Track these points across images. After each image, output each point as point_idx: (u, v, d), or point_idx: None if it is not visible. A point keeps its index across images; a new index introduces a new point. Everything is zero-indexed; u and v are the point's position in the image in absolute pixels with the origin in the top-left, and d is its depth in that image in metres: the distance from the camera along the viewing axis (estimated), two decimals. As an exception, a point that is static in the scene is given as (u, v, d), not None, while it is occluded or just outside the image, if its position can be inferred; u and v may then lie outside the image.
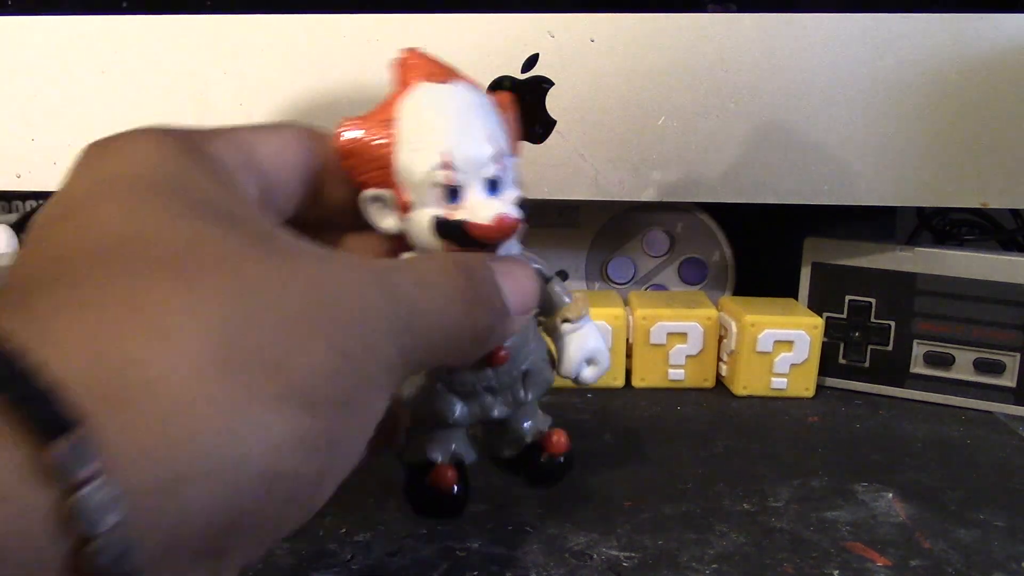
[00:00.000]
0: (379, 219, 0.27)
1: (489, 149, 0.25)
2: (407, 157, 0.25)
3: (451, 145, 0.25)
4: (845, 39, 0.41)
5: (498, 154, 0.25)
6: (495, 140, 0.25)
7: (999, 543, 0.32)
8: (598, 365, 0.30)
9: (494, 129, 0.26)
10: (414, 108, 0.26)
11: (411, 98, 0.26)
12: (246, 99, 0.42)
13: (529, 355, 0.29)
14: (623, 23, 0.41)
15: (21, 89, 0.43)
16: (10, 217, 0.57)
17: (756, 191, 0.43)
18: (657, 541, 0.31)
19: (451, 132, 0.25)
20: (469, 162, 0.25)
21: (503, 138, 0.26)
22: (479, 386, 0.28)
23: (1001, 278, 0.44)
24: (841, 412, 0.45)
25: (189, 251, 0.18)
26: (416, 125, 0.25)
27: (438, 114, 0.25)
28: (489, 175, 0.25)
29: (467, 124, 0.25)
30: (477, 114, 0.26)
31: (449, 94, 0.26)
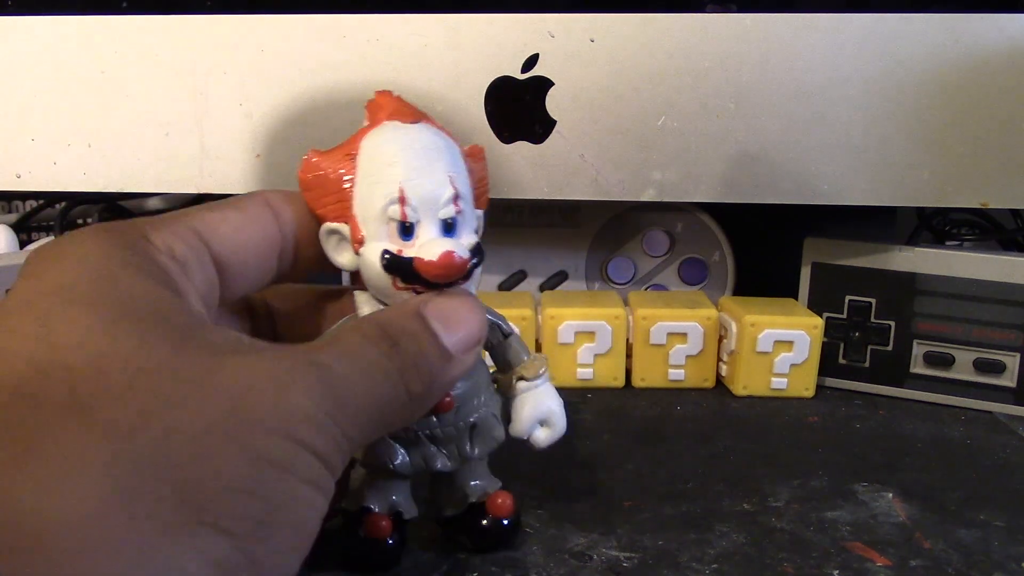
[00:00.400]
0: (336, 254, 0.26)
1: (447, 190, 0.25)
2: (364, 190, 0.25)
3: (408, 181, 0.25)
4: (845, 39, 0.41)
5: (456, 196, 0.25)
6: (455, 183, 0.25)
7: (999, 543, 0.32)
8: (552, 428, 0.29)
9: (456, 173, 0.26)
10: (376, 144, 0.26)
11: (374, 134, 0.26)
12: (246, 99, 0.42)
13: (480, 408, 0.28)
14: (623, 23, 0.41)
15: (21, 89, 0.43)
16: (10, 217, 0.57)
17: (756, 191, 0.43)
18: (657, 541, 0.31)
19: (409, 168, 0.25)
20: (424, 200, 0.25)
21: (465, 184, 0.26)
22: (421, 434, 0.28)
23: (1001, 278, 0.44)
24: (841, 412, 0.45)
25: (96, 377, 0.17)
26: (376, 160, 0.25)
27: (399, 150, 0.25)
28: (445, 216, 0.25)
29: (427, 163, 0.25)
30: (439, 155, 0.26)
31: (412, 133, 0.26)
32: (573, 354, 0.46)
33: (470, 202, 0.26)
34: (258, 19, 0.42)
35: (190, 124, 0.43)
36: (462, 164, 0.26)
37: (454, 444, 0.28)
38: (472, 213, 0.26)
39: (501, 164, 0.43)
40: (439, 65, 0.42)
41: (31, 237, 0.57)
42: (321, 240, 0.26)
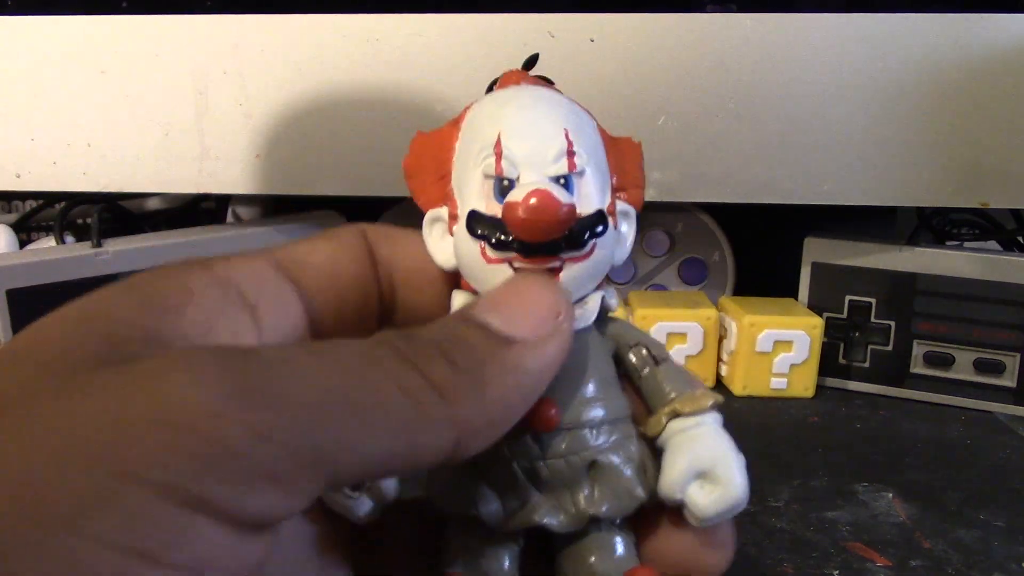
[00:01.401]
0: (436, 249, 0.21)
1: (558, 141, 0.19)
2: (462, 155, 0.20)
3: (508, 130, 0.19)
4: (845, 39, 0.41)
5: (571, 152, 0.19)
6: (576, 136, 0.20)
7: (999, 543, 0.32)
8: (718, 485, 0.20)
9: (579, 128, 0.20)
10: (482, 104, 0.21)
11: (485, 98, 0.21)
12: (246, 99, 0.42)
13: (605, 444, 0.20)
14: (623, 23, 0.41)
15: (21, 89, 0.43)
16: (10, 217, 0.57)
17: (756, 191, 0.43)
18: (657, 541, 0.31)
19: (512, 119, 0.20)
20: (527, 152, 0.19)
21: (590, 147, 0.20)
22: (517, 466, 0.20)
23: (1001, 278, 0.44)
24: (841, 412, 0.45)
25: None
26: (478, 118, 0.21)
27: (503, 103, 0.20)
28: (555, 173, 0.19)
29: (535, 115, 0.20)
30: (554, 109, 0.20)
31: (527, 90, 0.21)
32: (573, 354, 0.46)
33: (596, 168, 0.20)
34: (258, 19, 0.42)
35: (190, 124, 0.43)
36: (592, 130, 0.21)
37: (567, 491, 0.20)
38: (601, 178, 0.20)
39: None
40: (439, 65, 0.42)
41: (31, 237, 0.57)
42: (424, 238, 0.21)
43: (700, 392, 0.21)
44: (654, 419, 0.21)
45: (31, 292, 0.41)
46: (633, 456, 0.20)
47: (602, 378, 0.21)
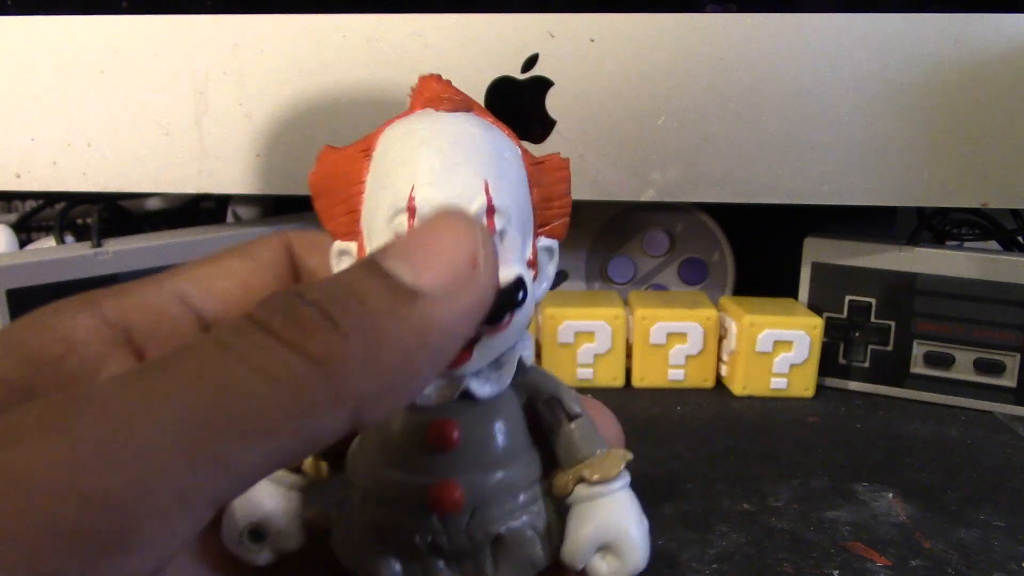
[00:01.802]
0: None
1: (476, 199, 0.18)
2: (372, 200, 0.19)
3: (422, 184, 0.18)
4: (845, 39, 0.41)
5: (489, 210, 0.18)
6: (493, 191, 0.18)
7: (999, 543, 0.32)
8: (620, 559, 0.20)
9: (497, 178, 0.18)
10: (394, 136, 0.19)
11: (397, 125, 0.19)
12: (246, 99, 0.42)
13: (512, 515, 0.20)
14: (623, 23, 0.41)
15: (21, 89, 0.43)
16: (10, 217, 0.57)
17: (756, 191, 0.43)
18: (657, 541, 0.31)
19: (427, 168, 0.18)
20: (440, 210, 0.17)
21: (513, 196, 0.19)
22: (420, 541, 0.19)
23: (1001, 278, 0.44)
24: (841, 412, 0.45)
25: None
26: (389, 157, 0.19)
27: (418, 144, 0.18)
28: None
29: (452, 162, 0.18)
30: (474, 153, 0.18)
31: (443, 122, 0.19)
32: (573, 354, 0.46)
33: (518, 221, 0.19)
34: (258, 19, 0.42)
35: (190, 124, 0.43)
36: (515, 171, 0.19)
37: (470, 560, 0.20)
38: (520, 237, 0.19)
39: (501, 164, 0.43)
40: (439, 65, 0.42)
41: (31, 237, 0.57)
42: (331, 261, 0.20)
43: (611, 456, 0.20)
44: (562, 480, 0.20)
45: (31, 292, 0.41)
46: (537, 524, 0.20)
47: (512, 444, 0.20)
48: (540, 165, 0.20)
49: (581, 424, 0.21)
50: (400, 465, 0.19)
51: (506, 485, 0.20)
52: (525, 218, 0.19)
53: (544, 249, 0.20)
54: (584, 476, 0.20)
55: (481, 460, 0.20)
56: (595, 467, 0.20)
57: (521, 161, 0.20)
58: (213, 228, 0.48)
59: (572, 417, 0.21)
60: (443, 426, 0.19)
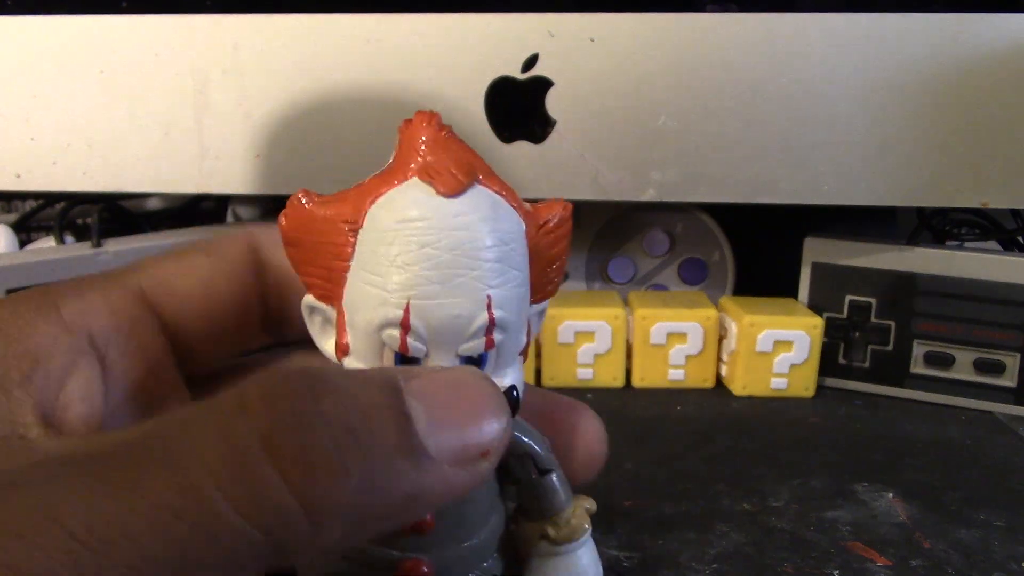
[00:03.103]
0: (319, 337, 0.19)
1: (478, 317, 0.17)
2: (359, 286, 0.18)
3: (419, 299, 0.17)
4: (845, 39, 0.41)
5: (491, 326, 0.17)
6: (496, 304, 0.17)
7: (999, 543, 0.32)
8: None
9: (500, 284, 0.17)
10: (387, 223, 0.17)
11: (389, 203, 0.18)
12: (246, 99, 0.42)
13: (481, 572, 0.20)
14: (623, 23, 0.41)
15: (21, 89, 0.43)
16: (10, 217, 0.57)
17: (756, 191, 0.43)
18: (657, 541, 0.31)
19: (425, 278, 0.17)
20: (439, 329, 0.17)
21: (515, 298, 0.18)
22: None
23: (1001, 278, 0.44)
24: (841, 412, 0.45)
25: None
26: (380, 249, 0.17)
27: (417, 245, 0.17)
28: (468, 353, 0.17)
29: (455, 271, 0.17)
30: (480, 256, 0.17)
31: (446, 213, 0.17)
32: (573, 354, 0.46)
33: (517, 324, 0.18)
34: (258, 19, 0.42)
35: (190, 124, 0.43)
36: (518, 262, 0.18)
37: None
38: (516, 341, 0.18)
39: (501, 164, 0.43)
40: (439, 65, 0.42)
41: (31, 237, 0.57)
42: (303, 313, 0.19)
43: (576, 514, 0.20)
44: (527, 532, 0.20)
45: (31, 292, 0.41)
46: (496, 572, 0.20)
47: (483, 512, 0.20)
48: (545, 226, 0.19)
49: (550, 480, 0.20)
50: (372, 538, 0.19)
51: (475, 553, 0.20)
52: (523, 308, 0.19)
53: (536, 314, 0.20)
54: (548, 534, 0.20)
55: (452, 536, 0.19)
56: (559, 526, 0.20)
57: (524, 240, 0.18)
58: (213, 228, 0.48)
59: (542, 472, 0.20)
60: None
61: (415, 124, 0.19)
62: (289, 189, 0.47)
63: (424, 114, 0.19)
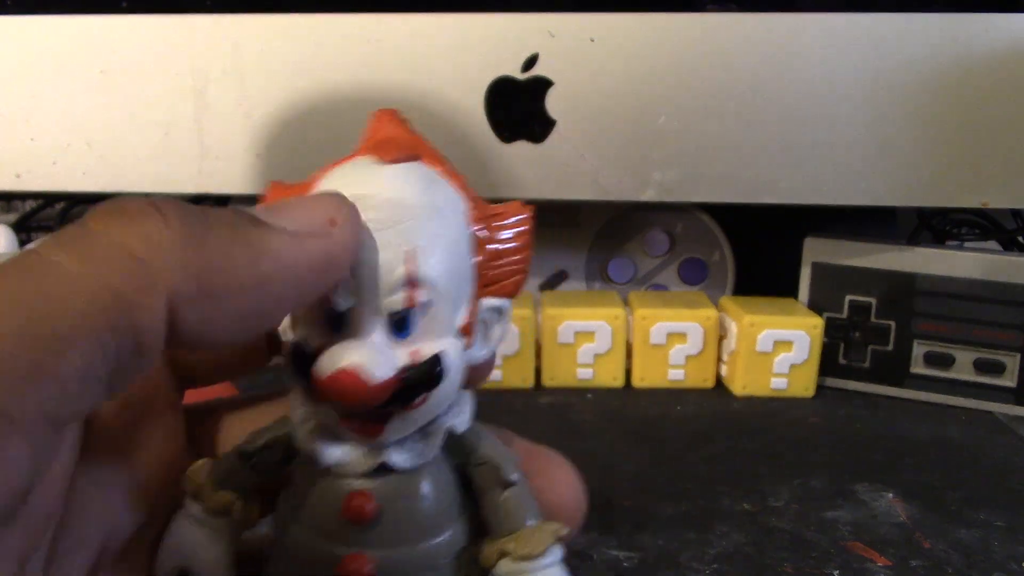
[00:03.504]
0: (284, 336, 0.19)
1: (395, 269, 0.17)
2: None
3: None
4: (845, 39, 0.41)
5: (411, 281, 0.17)
6: (418, 259, 0.17)
7: (999, 543, 0.32)
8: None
9: (425, 244, 0.17)
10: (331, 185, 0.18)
11: (336, 173, 0.19)
12: (246, 99, 0.42)
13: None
14: (623, 23, 0.41)
15: (21, 89, 0.43)
16: (10, 217, 0.57)
17: (756, 191, 0.43)
18: (657, 541, 0.31)
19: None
20: (360, 282, 0.17)
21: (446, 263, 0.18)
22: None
23: (1001, 278, 0.44)
24: (841, 412, 0.45)
25: None
26: None
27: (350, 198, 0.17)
28: (391, 308, 0.17)
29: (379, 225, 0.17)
30: (404, 214, 0.17)
31: (378, 177, 0.18)
32: (573, 354, 0.46)
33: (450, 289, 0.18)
34: (258, 19, 0.42)
35: (190, 124, 0.43)
36: (453, 232, 0.18)
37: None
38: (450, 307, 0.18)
39: (501, 164, 0.43)
40: (439, 65, 0.42)
41: (31, 237, 0.57)
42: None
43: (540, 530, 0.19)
44: (487, 551, 0.19)
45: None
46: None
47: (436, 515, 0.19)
48: (495, 217, 0.19)
49: (514, 493, 0.19)
50: (317, 530, 0.19)
51: (424, 559, 0.19)
52: (461, 283, 0.18)
53: (490, 310, 0.19)
54: (507, 550, 0.19)
55: (399, 534, 0.19)
56: (521, 542, 0.19)
57: (464, 219, 0.19)
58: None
59: (506, 485, 0.19)
60: (358, 498, 0.18)
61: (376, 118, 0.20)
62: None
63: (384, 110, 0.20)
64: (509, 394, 0.45)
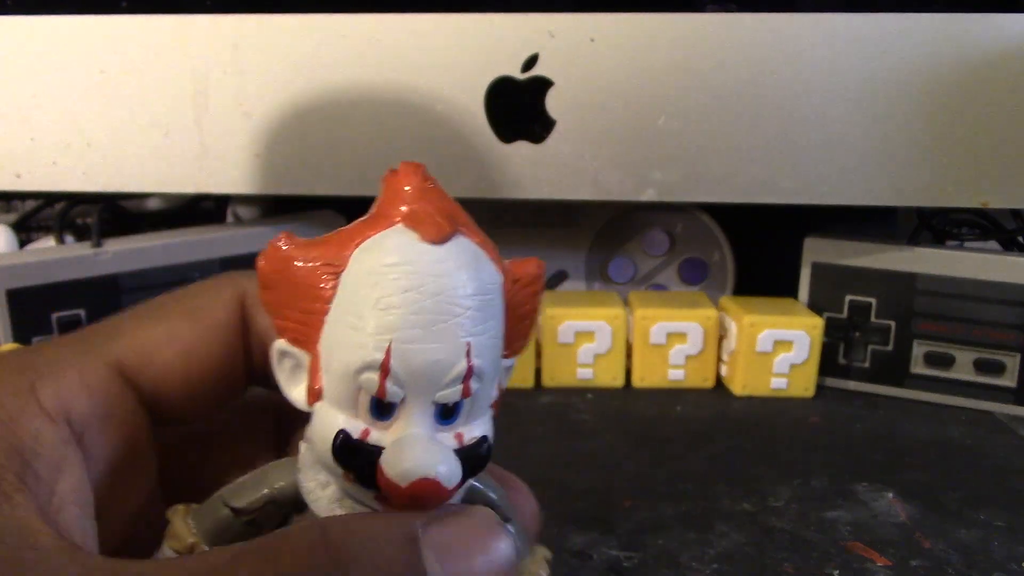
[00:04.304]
0: (288, 384, 0.19)
1: (458, 364, 0.17)
2: (338, 329, 0.18)
3: (401, 343, 0.17)
4: (845, 39, 0.41)
5: (469, 374, 0.17)
6: (475, 352, 0.17)
7: (999, 543, 0.32)
8: None
9: (481, 333, 0.18)
10: (371, 266, 0.17)
11: (373, 248, 0.18)
12: (246, 99, 0.42)
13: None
14: (623, 23, 0.41)
15: (21, 89, 0.43)
16: (10, 217, 0.57)
17: (756, 191, 0.43)
18: (657, 541, 0.31)
19: (408, 323, 0.17)
20: (419, 375, 0.17)
21: (491, 346, 0.18)
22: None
23: (1001, 278, 0.44)
24: (841, 412, 0.45)
25: None
26: (363, 292, 0.17)
27: (400, 289, 0.17)
28: (444, 401, 0.17)
29: (438, 317, 0.17)
30: (462, 303, 0.17)
31: (429, 260, 0.17)
32: (573, 354, 0.46)
33: (492, 374, 0.18)
34: (258, 19, 0.42)
35: (190, 124, 0.43)
36: (496, 312, 0.18)
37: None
38: (489, 392, 0.19)
39: (501, 164, 0.43)
40: (439, 65, 0.42)
41: (31, 237, 0.57)
42: (271, 358, 0.19)
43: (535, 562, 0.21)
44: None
45: (31, 292, 0.41)
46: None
47: None
48: (519, 282, 0.19)
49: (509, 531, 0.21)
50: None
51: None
52: (498, 359, 0.19)
53: (505, 369, 0.20)
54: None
55: None
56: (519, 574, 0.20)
57: (502, 292, 0.19)
58: (213, 228, 0.48)
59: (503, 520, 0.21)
60: None
61: (401, 173, 0.19)
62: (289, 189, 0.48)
63: (410, 164, 0.19)
64: (509, 394, 0.45)
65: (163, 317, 0.20)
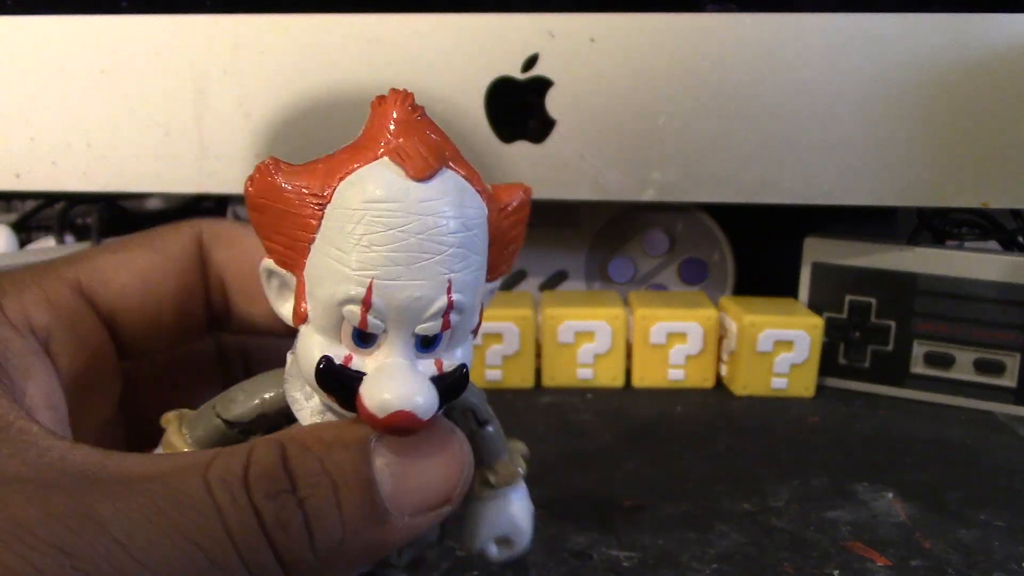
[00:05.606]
0: (276, 300, 0.20)
1: (438, 300, 0.18)
2: (323, 259, 0.18)
3: (382, 279, 0.17)
4: (845, 39, 0.41)
5: (449, 308, 0.18)
6: (456, 287, 0.18)
7: (999, 543, 0.32)
8: (512, 547, 0.23)
9: (465, 266, 0.18)
10: (356, 202, 0.18)
11: (359, 182, 0.18)
12: (246, 99, 0.42)
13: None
14: (623, 23, 0.41)
15: (21, 89, 0.43)
16: (10, 217, 0.57)
17: (756, 191, 0.43)
18: (657, 541, 0.31)
19: (390, 259, 0.17)
20: (399, 309, 0.17)
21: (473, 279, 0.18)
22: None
23: (1001, 278, 0.44)
24: (841, 412, 0.45)
25: None
26: (348, 227, 0.17)
27: (385, 228, 0.17)
28: (425, 332, 0.18)
29: (420, 255, 0.17)
30: (445, 239, 0.17)
31: (415, 197, 0.17)
32: (573, 354, 0.46)
33: (473, 302, 0.19)
34: (258, 19, 0.42)
35: (190, 124, 0.43)
36: (479, 246, 0.19)
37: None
38: (469, 321, 0.19)
39: (501, 164, 0.43)
40: (439, 65, 0.42)
41: (31, 237, 0.57)
42: (260, 275, 0.20)
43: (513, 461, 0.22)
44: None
45: (31, 292, 0.41)
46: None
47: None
48: (504, 211, 0.20)
49: (488, 431, 0.22)
50: None
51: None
52: (479, 290, 0.19)
53: (488, 291, 0.20)
54: (488, 480, 0.22)
55: None
56: (499, 472, 0.22)
57: (486, 224, 0.19)
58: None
59: (481, 423, 0.22)
60: None
61: (388, 101, 0.19)
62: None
63: (398, 92, 0.19)
64: (509, 394, 0.45)
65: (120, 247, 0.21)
